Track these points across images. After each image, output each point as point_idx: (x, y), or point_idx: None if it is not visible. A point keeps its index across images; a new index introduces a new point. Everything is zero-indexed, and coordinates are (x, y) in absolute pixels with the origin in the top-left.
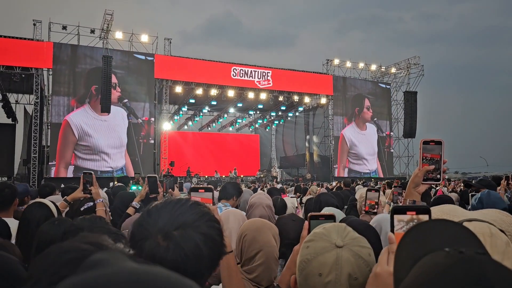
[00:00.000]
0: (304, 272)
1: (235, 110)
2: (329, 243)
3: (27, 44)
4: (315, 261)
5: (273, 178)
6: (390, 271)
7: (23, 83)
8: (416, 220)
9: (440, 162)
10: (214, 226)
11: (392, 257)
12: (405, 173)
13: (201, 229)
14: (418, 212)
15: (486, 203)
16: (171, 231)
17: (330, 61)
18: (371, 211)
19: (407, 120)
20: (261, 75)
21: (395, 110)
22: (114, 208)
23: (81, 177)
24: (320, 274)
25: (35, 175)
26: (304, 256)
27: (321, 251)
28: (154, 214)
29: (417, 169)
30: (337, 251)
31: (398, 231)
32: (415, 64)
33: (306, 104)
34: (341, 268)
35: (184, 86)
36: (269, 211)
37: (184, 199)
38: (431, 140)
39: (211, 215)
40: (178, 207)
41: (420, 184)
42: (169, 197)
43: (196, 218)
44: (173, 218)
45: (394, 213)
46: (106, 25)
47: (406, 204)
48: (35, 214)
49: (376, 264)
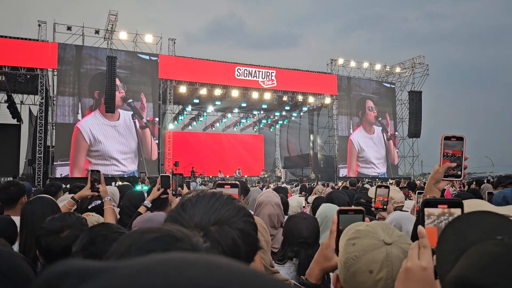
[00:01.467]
0: (352, 269)
1: (239, 110)
2: (377, 240)
3: (32, 45)
4: (364, 258)
5: (277, 178)
6: (421, 265)
7: (28, 84)
8: (448, 214)
9: (461, 158)
10: (249, 221)
11: (424, 251)
12: (410, 173)
13: (238, 224)
14: (450, 206)
15: (511, 200)
16: (208, 227)
17: (334, 61)
18: (381, 208)
19: (412, 120)
20: (265, 75)
21: (399, 110)
22: (122, 207)
23: (88, 175)
24: (371, 271)
25: (40, 175)
26: (352, 253)
27: (370, 248)
28: (189, 209)
29: (438, 165)
30: (387, 248)
31: (429, 225)
32: (420, 64)
33: (310, 104)
34: (392, 265)
35: (188, 86)
36: (278, 209)
37: (218, 193)
38: (452, 136)
39: (246, 210)
40: (213, 202)
41: (441, 180)
42: (201, 191)
43: (232, 214)
44: (209, 214)
45: (424, 206)
46: (110, 26)
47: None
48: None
49: (405, 259)
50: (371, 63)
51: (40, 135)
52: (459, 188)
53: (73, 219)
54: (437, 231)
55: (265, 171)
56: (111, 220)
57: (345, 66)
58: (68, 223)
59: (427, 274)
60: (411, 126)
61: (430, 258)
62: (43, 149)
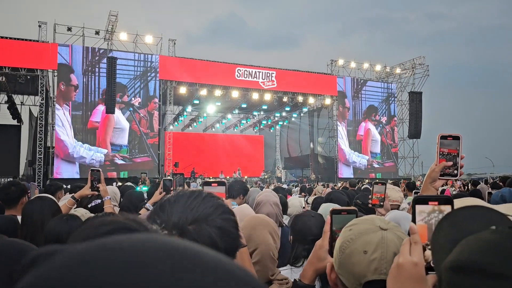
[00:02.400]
0: (347, 251)
1: (240, 111)
2: (373, 226)
3: (32, 46)
4: (360, 240)
5: (277, 179)
6: (413, 261)
7: (28, 85)
8: (438, 211)
9: (457, 157)
10: (229, 218)
11: (415, 247)
12: (410, 174)
13: (216, 222)
14: (440, 203)
15: (509, 199)
16: (185, 226)
17: (334, 61)
18: (378, 205)
19: (412, 120)
20: (266, 76)
21: (400, 110)
22: (122, 206)
23: (88, 174)
24: (365, 252)
25: (41, 176)
26: (347, 237)
27: (366, 231)
28: (168, 208)
29: (434, 164)
30: (382, 232)
31: (420, 222)
32: (420, 64)
33: (310, 105)
34: (386, 247)
35: (189, 87)
36: (277, 208)
37: (198, 191)
38: (448, 135)
39: (226, 207)
40: (191, 201)
41: (437, 179)
42: (181, 190)
43: (210, 211)
44: (186, 212)
45: (416, 203)
46: (110, 26)
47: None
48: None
49: (397, 255)
50: (371, 64)
51: (40, 136)
52: (459, 188)
53: (78, 222)
54: (427, 228)
55: (265, 172)
56: None
57: (345, 67)
58: (71, 225)
59: (418, 270)
60: (411, 127)
61: (421, 254)
62: (43, 150)
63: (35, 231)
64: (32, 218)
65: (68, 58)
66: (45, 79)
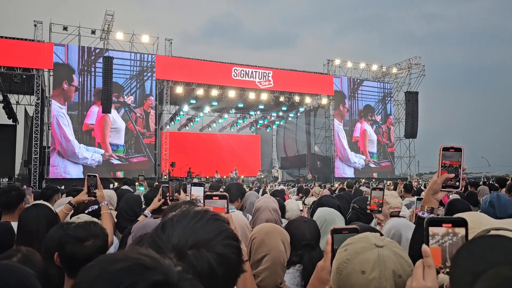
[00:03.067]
0: (344, 272)
1: (236, 110)
2: (369, 244)
3: (28, 45)
4: (357, 259)
5: (274, 178)
6: (427, 286)
7: (23, 84)
8: (452, 234)
9: (459, 169)
10: (231, 244)
11: (428, 271)
12: (407, 174)
13: (216, 248)
14: (454, 225)
15: (497, 206)
16: (185, 250)
17: (331, 61)
18: (376, 210)
19: (409, 120)
20: (262, 76)
21: (396, 110)
22: (120, 210)
23: (85, 180)
24: (363, 272)
25: (36, 176)
26: (343, 258)
27: (361, 250)
28: (169, 229)
29: (436, 176)
30: (378, 250)
31: (433, 245)
32: (416, 64)
33: (307, 105)
34: (384, 264)
35: (185, 86)
36: (276, 214)
37: (202, 212)
38: (450, 147)
39: (229, 232)
40: (194, 222)
41: (439, 191)
42: (186, 209)
43: (212, 236)
44: (187, 235)
45: (429, 225)
46: (107, 26)
47: (440, 216)
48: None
49: (410, 278)
50: (367, 64)
51: (36, 136)
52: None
53: (98, 228)
54: (441, 251)
55: (262, 172)
56: (108, 225)
57: (342, 67)
58: (93, 232)
59: None
60: (407, 127)
61: (435, 278)
62: (39, 149)
63: (30, 241)
64: (27, 227)
65: (64, 58)
66: (40, 79)
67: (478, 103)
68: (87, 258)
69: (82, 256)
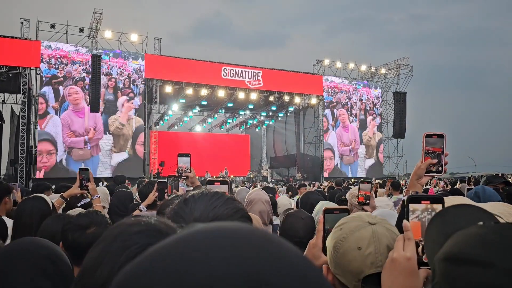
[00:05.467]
0: (341, 250)
1: (226, 110)
2: (362, 222)
3: (15, 43)
4: (352, 237)
5: (264, 178)
6: (406, 256)
7: (10, 83)
8: (431, 209)
9: (442, 155)
10: (247, 222)
11: (408, 243)
12: (395, 173)
13: None
14: (432, 202)
15: (482, 197)
16: (205, 222)
17: (320, 61)
18: (364, 203)
19: (397, 120)
20: (252, 75)
21: (384, 110)
22: (111, 206)
23: (77, 173)
24: (360, 248)
25: (23, 175)
26: (339, 237)
27: (356, 228)
28: (191, 203)
29: (420, 162)
30: (372, 227)
31: (413, 220)
32: (404, 65)
33: (296, 104)
34: (379, 240)
35: (174, 86)
36: (268, 206)
37: (221, 193)
38: (433, 134)
39: (245, 212)
40: (214, 200)
41: (423, 176)
42: (205, 189)
43: (231, 213)
44: (208, 210)
45: (409, 201)
46: (95, 24)
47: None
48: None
49: (392, 250)
50: (356, 64)
51: (22, 135)
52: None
53: (100, 217)
54: (420, 225)
55: (251, 172)
56: None
57: (331, 67)
58: (95, 220)
59: (411, 264)
60: (395, 127)
61: (414, 249)
62: (25, 149)
63: (24, 232)
64: (21, 219)
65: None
66: (27, 77)
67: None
68: (89, 246)
69: (84, 243)
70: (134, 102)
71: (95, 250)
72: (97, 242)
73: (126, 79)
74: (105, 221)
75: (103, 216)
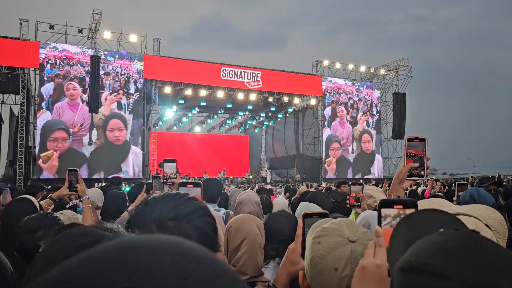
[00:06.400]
0: (318, 267)
1: (225, 111)
2: (342, 238)
3: (13, 44)
4: (330, 256)
5: (263, 179)
6: (376, 263)
7: (9, 83)
8: (403, 214)
9: (424, 158)
10: (208, 221)
11: (379, 250)
12: (394, 174)
13: (195, 222)
14: (405, 206)
15: (478, 199)
16: (165, 221)
17: (319, 62)
18: (355, 204)
19: (396, 121)
20: (251, 76)
21: (384, 111)
22: (104, 207)
23: (66, 174)
24: (336, 269)
25: (21, 176)
26: (317, 252)
27: (335, 245)
28: (151, 204)
29: (402, 166)
30: (351, 246)
31: (385, 227)
32: (404, 66)
33: (296, 105)
34: (356, 262)
35: (173, 86)
36: (258, 207)
37: (182, 194)
38: (415, 137)
39: (207, 211)
40: (175, 200)
41: (405, 180)
42: (167, 191)
43: (191, 211)
44: (168, 209)
45: (381, 207)
46: (94, 25)
47: (391, 199)
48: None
49: (362, 257)
50: (356, 65)
51: (21, 136)
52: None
53: (50, 219)
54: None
55: (250, 172)
56: (89, 218)
57: (330, 68)
58: (44, 223)
59: (381, 272)
60: (395, 128)
61: (385, 256)
62: (24, 149)
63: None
64: (9, 220)
65: None
66: (26, 78)
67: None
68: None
69: (32, 247)
70: (123, 99)
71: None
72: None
73: (122, 79)
74: (55, 223)
75: (54, 218)
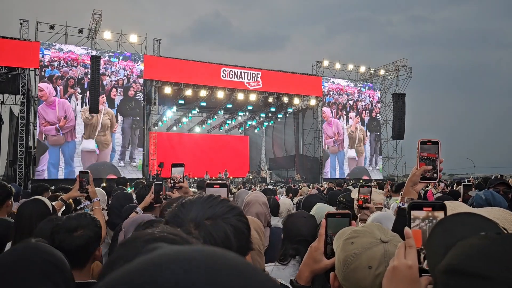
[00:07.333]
0: (351, 265)
1: (225, 111)
2: (375, 239)
3: (14, 44)
4: (364, 255)
5: (263, 179)
6: (407, 264)
7: (9, 83)
8: (432, 217)
9: (436, 161)
10: (242, 220)
11: (409, 251)
12: (394, 174)
13: (231, 220)
14: (434, 209)
15: (493, 203)
16: (202, 221)
17: (319, 62)
18: (364, 206)
19: (396, 121)
20: (251, 76)
21: (383, 111)
22: (111, 207)
23: (77, 176)
24: (370, 267)
25: (22, 176)
26: (351, 251)
27: (369, 245)
28: (188, 205)
29: (415, 168)
30: (384, 246)
31: (414, 228)
32: (404, 66)
33: (295, 106)
34: (389, 261)
35: (174, 87)
36: (265, 208)
37: (216, 195)
38: (428, 140)
39: (240, 210)
40: (209, 201)
41: (418, 182)
42: (200, 193)
43: (226, 210)
44: (204, 210)
45: (411, 209)
46: (94, 25)
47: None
48: (29, 209)
49: (392, 258)
50: (355, 65)
51: (21, 136)
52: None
53: (88, 219)
54: (422, 233)
55: (250, 173)
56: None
57: (330, 68)
58: (83, 223)
59: (413, 272)
60: (394, 128)
61: (415, 257)
62: (24, 150)
63: (24, 234)
64: (21, 222)
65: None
66: (26, 78)
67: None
68: (76, 249)
69: (71, 246)
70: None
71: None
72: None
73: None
74: (93, 224)
75: (92, 218)
